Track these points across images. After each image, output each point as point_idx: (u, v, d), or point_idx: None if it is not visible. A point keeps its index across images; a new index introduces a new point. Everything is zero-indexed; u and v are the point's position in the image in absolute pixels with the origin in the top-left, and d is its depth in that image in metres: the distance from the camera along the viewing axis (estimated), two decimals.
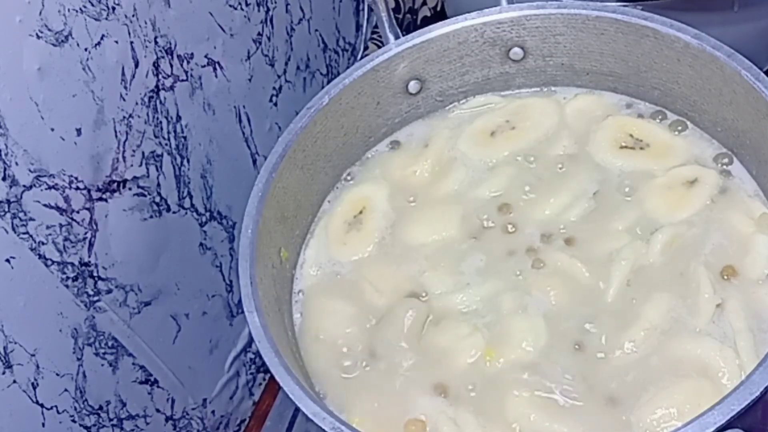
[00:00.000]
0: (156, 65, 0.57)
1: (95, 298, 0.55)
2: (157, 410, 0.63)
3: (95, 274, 0.54)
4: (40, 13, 0.47)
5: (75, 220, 0.52)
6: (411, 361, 0.51)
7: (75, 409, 0.54)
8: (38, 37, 0.47)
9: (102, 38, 0.52)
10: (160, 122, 0.59)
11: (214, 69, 0.64)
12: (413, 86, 0.61)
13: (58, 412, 0.53)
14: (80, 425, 0.55)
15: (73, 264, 0.52)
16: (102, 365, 0.56)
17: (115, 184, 0.55)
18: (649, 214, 0.54)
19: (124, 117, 0.55)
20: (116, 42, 0.53)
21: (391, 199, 0.59)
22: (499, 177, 0.58)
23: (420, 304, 0.53)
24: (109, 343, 0.57)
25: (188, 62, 0.61)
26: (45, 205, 0.49)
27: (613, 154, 0.57)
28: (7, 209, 0.46)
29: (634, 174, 0.56)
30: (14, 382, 0.49)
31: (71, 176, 0.51)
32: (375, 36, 0.94)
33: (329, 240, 0.58)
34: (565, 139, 0.59)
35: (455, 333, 0.51)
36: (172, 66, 0.59)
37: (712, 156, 0.56)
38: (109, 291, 0.56)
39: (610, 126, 0.59)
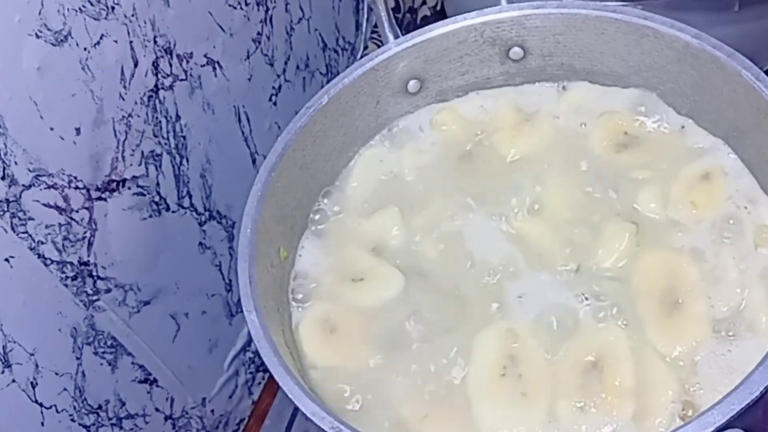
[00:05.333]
0: (155, 65, 0.57)
1: (94, 298, 0.55)
2: (157, 409, 0.63)
3: (94, 273, 0.54)
4: (40, 12, 0.47)
5: (74, 220, 0.52)
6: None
7: (74, 408, 0.54)
8: (37, 36, 0.47)
9: (101, 38, 0.52)
10: (160, 122, 0.59)
11: (214, 68, 0.64)
12: (413, 86, 0.61)
13: (57, 412, 0.53)
14: (79, 424, 0.55)
15: (72, 263, 0.52)
16: (101, 364, 0.56)
17: (115, 184, 0.55)
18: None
19: (123, 116, 0.55)
20: (115, 41, 0.53)
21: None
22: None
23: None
24: (109, 343, 0.57)
25: (187, 62, 0.61)
26: (44, 205, 0.49)
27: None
28: (6, 209, 0.46)
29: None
30: (13, 381, 0.49)
31: (70, 176, 0.51)
32: (375, 35, 0.94)
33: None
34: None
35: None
36: (171, 65, 0.59)
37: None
38: (109, 290, 0.56)
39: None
